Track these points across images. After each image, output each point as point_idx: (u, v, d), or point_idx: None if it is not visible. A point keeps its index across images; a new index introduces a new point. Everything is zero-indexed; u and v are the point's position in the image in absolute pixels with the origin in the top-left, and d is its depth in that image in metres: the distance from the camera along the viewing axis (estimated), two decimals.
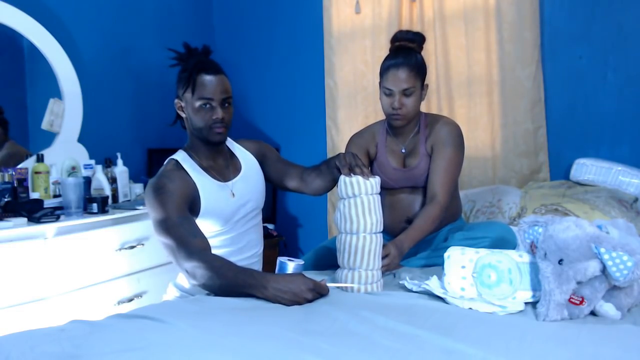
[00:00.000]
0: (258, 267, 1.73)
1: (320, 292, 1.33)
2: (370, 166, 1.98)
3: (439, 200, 1.78)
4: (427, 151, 1.87)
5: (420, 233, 1.75)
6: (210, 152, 1.65)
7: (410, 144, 1.92)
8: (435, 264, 1.72)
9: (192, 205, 1.56)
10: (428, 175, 1.85)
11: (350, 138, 2.05)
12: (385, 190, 1.96)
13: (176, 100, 1.62)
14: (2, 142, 2.35)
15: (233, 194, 1.64)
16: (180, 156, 1.64)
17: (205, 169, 1.63)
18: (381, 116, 2.76)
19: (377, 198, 1.46)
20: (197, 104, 1.55)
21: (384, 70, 1.84)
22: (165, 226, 1.47)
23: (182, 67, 1.59)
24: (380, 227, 1.46)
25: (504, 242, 1.67)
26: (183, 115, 1.62)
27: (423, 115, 1.94)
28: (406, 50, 1.83)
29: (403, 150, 1.93)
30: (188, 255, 1.41)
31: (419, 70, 1.82)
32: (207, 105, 1.55)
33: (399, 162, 1.93)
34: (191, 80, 1.54)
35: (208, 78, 1.54)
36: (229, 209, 1.62)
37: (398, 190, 1.94)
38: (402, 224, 1.94)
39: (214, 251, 1.50)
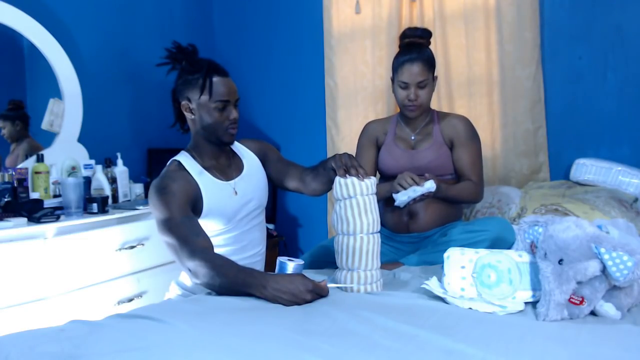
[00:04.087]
0: (260, 266, 1.74)
1: (319, 294, 1.33)
2: (378, 152, 2.09)
3: (475, 182, 1.96)
4: (445, 141, 2.00)
5: (455, 191, 1.92)
6: (214, 152, 1.66)
7: (422, 132, 2.04)
8: (436, 261, 1.73)
9: (195, 205, 1.57)
10: (457, 169, 2.00)
11: (365, 125, 2.17)
12: (388, 180, 1.98)
13: (183, 102, 1.63)
14: (22, 137, 2.38)
15: (236, 192, 1.65)
16: (182, 157, 1.65)
17: (208, 169, 1.64)
18: (381, 115, 2.78)
19: (373, 198, 1.46)
20: (214, 105, 1.59)
21: (399, 65, 1.95)
22: (168, 225, 1.48)
23: (188, 70, 1.61)
24: (378, 228, 1.46)
25: (502, 241, 1.69)
26: (192, 116, 1.63)
27: (434, 111, 2.07)
28: (417, 46, 1.96)
29: (412, 138, 2.04)
30: (191, 254, 1.42)
31: (431, 63, 1.96)
32: (224, 107, 1.60)
33: (408, 147, 2.04)
34: (207, 84, 1.58)
35: (223, 80, 1.60)
36: (232, 207, 1.63)
37: None
38: (403, 216, 1.96)
39: (216, 250, 1.51)
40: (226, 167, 1.69)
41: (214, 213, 1.60)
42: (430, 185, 1.78)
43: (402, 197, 1.80)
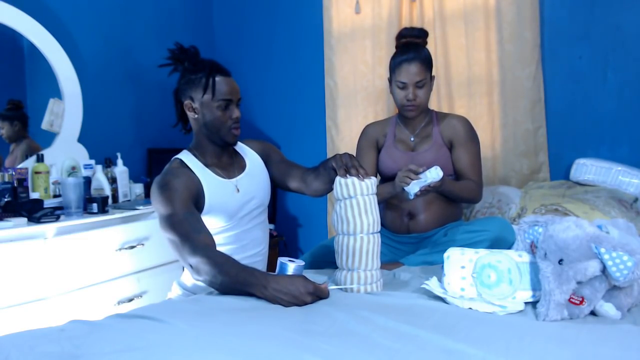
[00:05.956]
0: (262, 265, 1.74)
1: (320, 296, 1.33)
2: (378, 154, 2.08)
3: (475, 180, 1.96)
4: (444, 142, 2.00)
5: (458, 187, 1.92)
6: (216, 151, 1.67)
7: (421, 133, 2.04)
8: (436, 261, 1.73)
9: (197, 202, 1.58)
10: (456, 169, 1.99)
11: (364, 128, 2.16)
12: (388, 182, 1.98)
13: (186, 102, 1.63)
14: (21, 138, 2.38)
15: (238, 190, 1.65)
16: (185, 155, 1.66)
17: (210, 167, 1.65)
18: (381, 116, 2.79)
19: (374, 199, 1.46)
20: (217, 104, 1.60)
21: (397, 65, 1.95)
22: (170, 222, 1.48)
23: (190, 70, 1.62)
24: (378, 228, 1.46)
25: (502, 241, 1.69)
26: (194, 116, 1.63)
27: (433, 112, 2.06)
28: (415, 45, 1.95)
29: (412, 139, 2.03)
30: (192, 250, 1.43)
31: (428, 63, 1.96)
32: (226, 106, 1.61)
33: (408, 149, 2.03)
34: (210, 83, 1.59)
35: (225, 80, 1.62)
36: (234, 205, 1.63)
37: None
38: (403, 217, 1.96)
39: (217, 248, 1.51)
40: (228, 165, 1.70)
41: (215, 210, 1.60)
42: (436, 172, 1.72)
43: (414, 190, 1.74)
